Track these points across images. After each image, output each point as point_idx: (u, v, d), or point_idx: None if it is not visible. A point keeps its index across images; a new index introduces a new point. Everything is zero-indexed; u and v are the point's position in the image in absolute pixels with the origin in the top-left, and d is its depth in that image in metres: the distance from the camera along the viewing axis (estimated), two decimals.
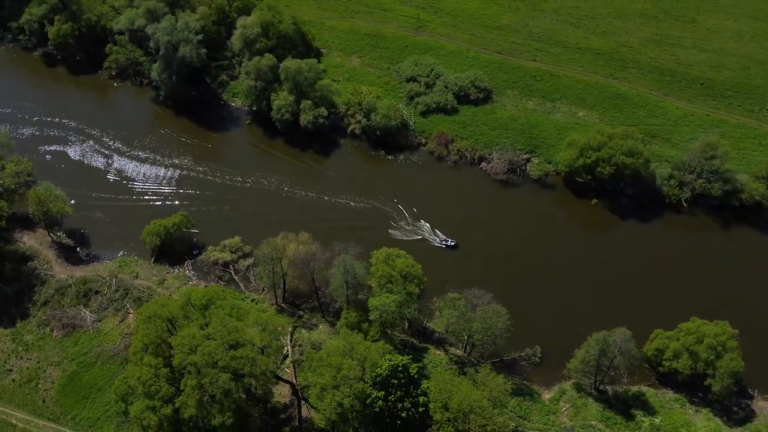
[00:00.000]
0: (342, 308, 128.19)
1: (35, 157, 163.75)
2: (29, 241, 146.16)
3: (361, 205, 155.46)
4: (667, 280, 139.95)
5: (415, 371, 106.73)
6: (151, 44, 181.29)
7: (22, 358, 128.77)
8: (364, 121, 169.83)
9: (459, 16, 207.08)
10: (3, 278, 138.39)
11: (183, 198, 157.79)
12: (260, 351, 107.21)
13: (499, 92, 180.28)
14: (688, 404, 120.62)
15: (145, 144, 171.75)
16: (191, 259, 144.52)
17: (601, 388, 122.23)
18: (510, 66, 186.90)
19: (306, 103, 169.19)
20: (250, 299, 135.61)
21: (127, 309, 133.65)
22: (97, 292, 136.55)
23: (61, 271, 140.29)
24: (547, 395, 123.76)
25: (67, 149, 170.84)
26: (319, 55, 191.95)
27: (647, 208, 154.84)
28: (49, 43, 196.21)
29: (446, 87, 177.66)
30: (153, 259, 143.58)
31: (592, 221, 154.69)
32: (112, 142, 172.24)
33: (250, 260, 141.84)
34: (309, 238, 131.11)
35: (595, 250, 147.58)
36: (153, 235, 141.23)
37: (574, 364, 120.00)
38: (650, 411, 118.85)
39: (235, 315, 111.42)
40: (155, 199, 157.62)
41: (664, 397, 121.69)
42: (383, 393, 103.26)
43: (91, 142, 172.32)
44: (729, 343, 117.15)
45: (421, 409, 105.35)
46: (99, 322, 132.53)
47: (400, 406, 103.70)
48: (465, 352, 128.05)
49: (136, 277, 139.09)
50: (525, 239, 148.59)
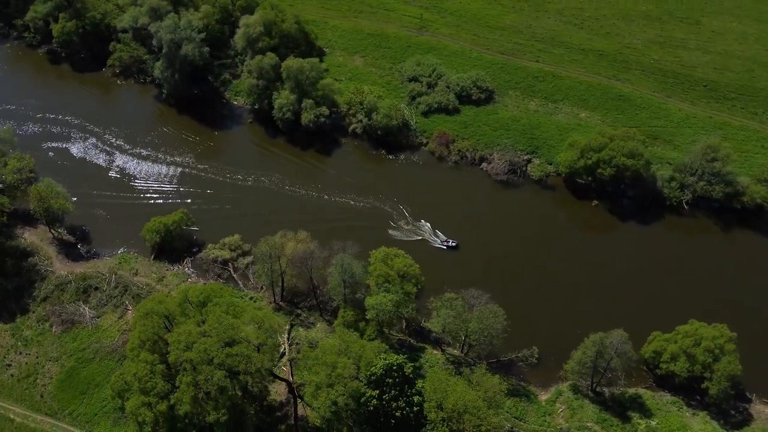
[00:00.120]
0: (339, 307, 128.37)
1: (38, 154, 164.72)
2: (30, 237, 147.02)
3: (361, 205, 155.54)
4: (667, 282, 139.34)
5: (410, 371, 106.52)
6: (154, 42, 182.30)
7: (21, 353, 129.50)
8: (366, 121, 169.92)
9: (462, 17, 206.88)
10: (4, 274, 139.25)
11: (184, 196, 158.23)
12: (256, 349, 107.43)
13: (501, 93, 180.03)
14: (685, 407, 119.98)
15: (147, 142, 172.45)
16: (191, 257, 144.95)
17: (598, 389, 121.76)
18: (512, 66, 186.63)
19: (307, 102, 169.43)
20: (248, 297, 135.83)
21: (126, 305, 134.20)
22: (96, 289, 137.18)
23: (61, 267, 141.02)
24: (543, 396, 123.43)
25: (70, 146, 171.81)
26: (321, 54, 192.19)
27: (648, 209, 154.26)
28: (53, 40, 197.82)
29: (448, 87, 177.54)
30: (153, 257, 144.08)
31: (593, 223, 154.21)
32: (114, 140, 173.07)
33: (250, 258, 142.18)
34: (307, 237, 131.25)
35: (595, 252, 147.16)
36: (153, 232, 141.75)
37: (570, 365, 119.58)
38: (647, 413, 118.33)
39: (231, 312, 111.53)
40: (156, 197, 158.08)
41: (661, 400, 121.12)
42: (378, 392, 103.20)
43: (94, 140, 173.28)
44: (727, 346, 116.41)
45: (415, 409, 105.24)
46: (98, 318, 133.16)
47: (394, 405, 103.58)
48: (462, 353, 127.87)
49: (136, 274, 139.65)
50: (525, 240, 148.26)
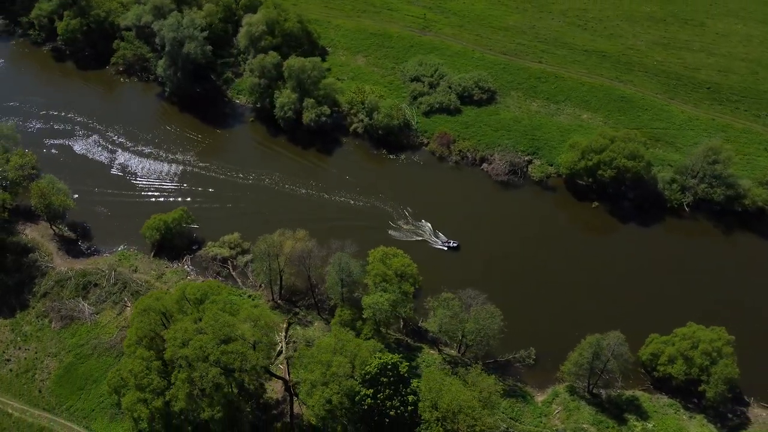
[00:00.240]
0: (337, 306, 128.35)
1: (41, 151, 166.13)
2: (31, 233, 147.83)
3: (361, 204, 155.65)
4: (666, 284, 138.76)
5: (405, 370, 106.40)
6: (157, 40, 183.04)
7: (20, 349, 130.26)
8: (367, 120, 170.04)
9: (466, 17, 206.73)
10: (4, 269, 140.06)
11: (185, 194, 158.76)
12: (251, 346, 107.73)
13: (503, 93, 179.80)
14: (682, 410, 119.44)
15: (149, 139, 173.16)
16: (190, 255, 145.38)
17: (595, 391, 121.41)
18: (515, 67, 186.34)
19: (309, 101, 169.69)
20: (247, 295, 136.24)
21: (125, 302, 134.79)
22: (96, 285, 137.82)
23: (61, 264, 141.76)
24: (540, 397, 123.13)
25: (73, 143, 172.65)
26: (324, 53, 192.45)
27: (648, 212, 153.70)
28: (58, 38, 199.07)
29: (450, 87, 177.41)
30: (153, 254, 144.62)
31: (593, 224, 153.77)
32: (116, 137, 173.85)
33: (249, 256, 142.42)
34: (306, 236, 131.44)
35: (595, 253, 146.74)
36: (153, 229, 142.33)
37: (567, 366, 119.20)
38: (643, 416, 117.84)
39: (228, 310, 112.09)
40: (158, 195, 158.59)
41: (658, 402, 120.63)
42: (372, 391, 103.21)
43: (97, 137, 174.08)
44: (724, 349, 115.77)
45: (410, 408, 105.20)
46: (97, 314, 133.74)
47: (388, 404, 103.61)
48: (459, 353, 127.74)
49: (135, 271, 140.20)
50: (525, 241, 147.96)
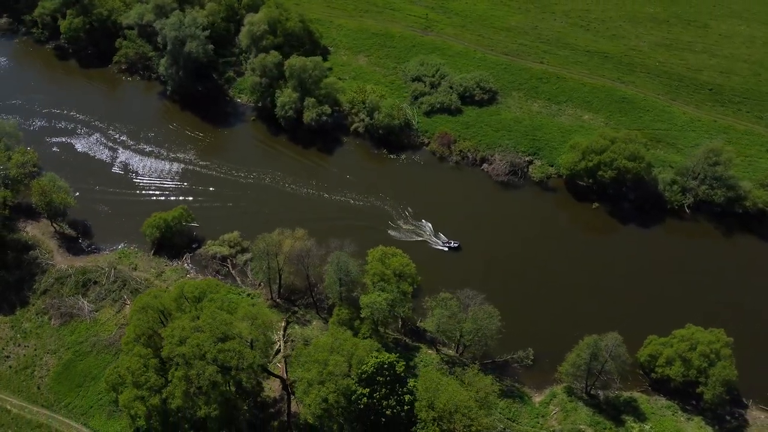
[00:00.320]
0: (335, 305, 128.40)
1: (43, 149, 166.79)
2: (32, 230, 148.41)
3: (361, 204, 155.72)
4: (666, 286, 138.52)
5: (401, 369, 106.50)
6: (159, 39, 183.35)
7: (19, 345, 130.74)
8: (367, 120, 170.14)
9: (468, 17, 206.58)
10: (5, 266, 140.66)
11: (186, 192, 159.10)
12: (248, 344, 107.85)
13: (504, 94, 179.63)
14: (680, 411, 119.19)
15: (151, 138, 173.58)
16: (190, 253, 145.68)
17: (593, 392, 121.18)
18: (516, 68, 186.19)
19: (310, 101, 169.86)
20: (246, 294, 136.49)
21: (124, 300, 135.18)
22: (95, 283, 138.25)
23: (61, 261, 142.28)
24: (537, 398, 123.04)
25: (75, 141, 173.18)
26: (326, 53, 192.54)
27: (649, 213, 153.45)
28: (61, 36, 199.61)
29: (451, 87, 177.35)
30: (152, 252, 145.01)
31: (593, 225, 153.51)
32: (118, 136, 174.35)
33: (248, 255, 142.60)
34: (304, 235, 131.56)
35: (595, 254, 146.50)
36: (153, 227, 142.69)
37: (565, 367, 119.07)
38: (641, 417, 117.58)
39: (225, 308, 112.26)
40: (158, 194, 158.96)
41: (656, 404, 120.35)
42: (368, 390, 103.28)
43: (98, 135, 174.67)
44: (723, 351, 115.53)
45: (406, 408, 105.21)
46: (96, 312, 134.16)
47: (384, 404, 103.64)
48: (457, 353, 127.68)
49: (135, 269, 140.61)
50: (525, 241, 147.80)
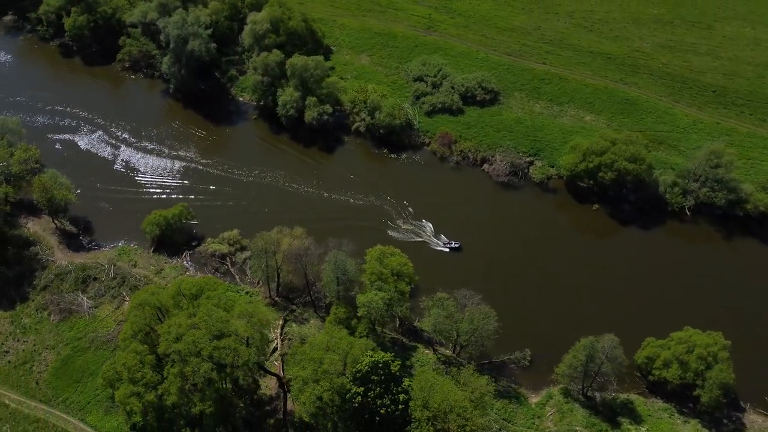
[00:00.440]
0: (333, 304, 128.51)
1: (46, 146, 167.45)
2: (33, 227, 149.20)
3: (362, 203, 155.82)
4: (666, 288, 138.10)
5: (396, 369, 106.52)
6: (163, 38, 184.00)
7: (18, 341, 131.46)
8: (369, 119, 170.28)
9: (471, 17, 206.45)
10: (5, 262, 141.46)
11: (187, 190, 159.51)
12: (244, 342, 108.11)
13: (506, 94, 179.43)
14: (677, 414, 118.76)
15: (153, 136, 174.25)
16: (190, 251, 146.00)
17: (589, 394, 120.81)
18: (519, 68, 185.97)
19: (311, 100, 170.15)
20: (244, 292, 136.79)
21: (123, 296, 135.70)
22: (95, 279, 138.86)
23: (62, 257, 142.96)
24: (534, 399, 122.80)
25: (77, 139, 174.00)
26: (328, 52, 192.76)
27: (649, 215, 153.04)
28: (65, 34, 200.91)
29: (453, 88, 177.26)
30: (152, 249, 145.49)
31: (593, 226, 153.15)
32: (120, 133, 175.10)
33: (248, 253, 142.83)
34: (303, 233, 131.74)
35: (594, 256, 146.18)
36: (153, 225, 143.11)
37: (561, 368, 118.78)
38: (637, 419, 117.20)
39: (223, 306, 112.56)
40: (159, 192, 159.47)
41: (652, 407, 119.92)
42: (363, 389, 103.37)
43: (101, 133, 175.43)
44: (720, 354, 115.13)
45: (400, 407, 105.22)
46: (95, 308, 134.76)
47: (379, 403, 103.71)
48: (454, 353, 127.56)
49: (135, 266, 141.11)
50: (525, 242, 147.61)
